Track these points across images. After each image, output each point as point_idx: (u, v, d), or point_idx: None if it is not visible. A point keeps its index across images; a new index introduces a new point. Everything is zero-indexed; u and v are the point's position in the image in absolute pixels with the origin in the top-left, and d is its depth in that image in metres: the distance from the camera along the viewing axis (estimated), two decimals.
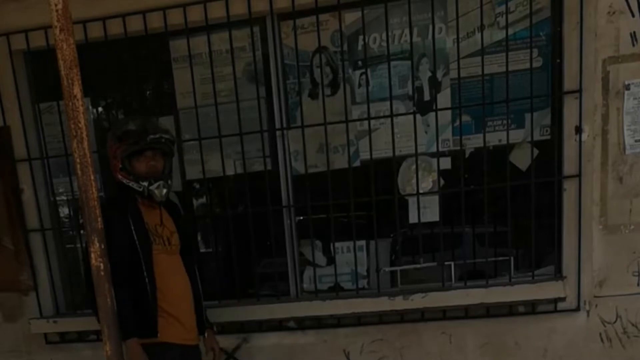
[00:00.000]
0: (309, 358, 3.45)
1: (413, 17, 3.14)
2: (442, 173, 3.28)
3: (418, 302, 3.26)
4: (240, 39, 3.31)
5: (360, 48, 3.24)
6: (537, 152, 3.17)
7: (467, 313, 3.30)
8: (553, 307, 3.23)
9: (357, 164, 3.34)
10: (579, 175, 3.08)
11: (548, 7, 3.07)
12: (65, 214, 3.77)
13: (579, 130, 3.05)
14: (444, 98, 3.21)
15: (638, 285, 3.12)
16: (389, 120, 3.22)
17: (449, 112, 3.21)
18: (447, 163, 3.27)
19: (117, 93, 3.66)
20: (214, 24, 3.27)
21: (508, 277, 3.28)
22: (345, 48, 3.25)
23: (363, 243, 3.44)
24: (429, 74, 3.21)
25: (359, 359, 3.42)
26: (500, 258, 3.31)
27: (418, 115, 3.23)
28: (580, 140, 3.05)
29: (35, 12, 3.09)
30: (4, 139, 3.49)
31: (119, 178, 2.76)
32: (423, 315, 3.33)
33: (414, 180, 3.28)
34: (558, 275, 3.24)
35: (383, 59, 3.22)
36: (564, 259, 3.20)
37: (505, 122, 3.14)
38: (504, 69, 3.09)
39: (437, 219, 3.31)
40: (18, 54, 3.44)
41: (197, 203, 3.68)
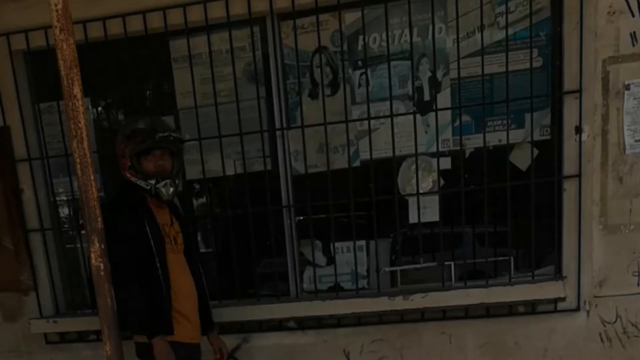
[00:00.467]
0: (309, 358, 3.45)
1: (413, 17, 3.14)
2: (442, 173, 3.28)
3: (418, 302, 3.26)
4: (240, 39, 3.31)
5: (360, 48, 3.24)
6: (537, 152, 3.17)
7: (467, 313, 3.30)
8: (553, 307, 3.23)
9: (357, 164, 3.34)
10: (579, 175, 3.08)
11: (548, 7, 3.07)
12: (65, 214, 3.77)
13: (579, 130, 3.05)
14: (444, 98, 3.21)
15: (638, 285, 3.13)
16: (389, 120, 3.22)
17: (449, 112, 3.21)
18: (447, 163, 3.27)
19: (117, 93, 3.66)
20: (214, 24, 3.27)
21: (508, 277, 3.28)
22: (345, 48, 3.25)
23: (363, 243, 3.44)
24: (429, 74, 3.21)
25: (359, 359, 3.42)
26: (500, 258, 3.32)
27: (418, 115, 3.23)
28: (580, 140, 3.05)
29: (35, 12, 3.09)
30: (4, 139, 3.49)
31: (127, 176, 2.76)
32: (423, 315, 3.33)
33: (414, 180, 3.28)
34: (558, 275, 3.24)
35: (383, 59, 3.22)
36: (564, 259, 3.20)
37: (505, 122, 3.14)
38: (504, 69, 3.09)
39: (437, 219, 3.31)
40: (18, 54, 3.44)
41: (197, 203, 3.68)
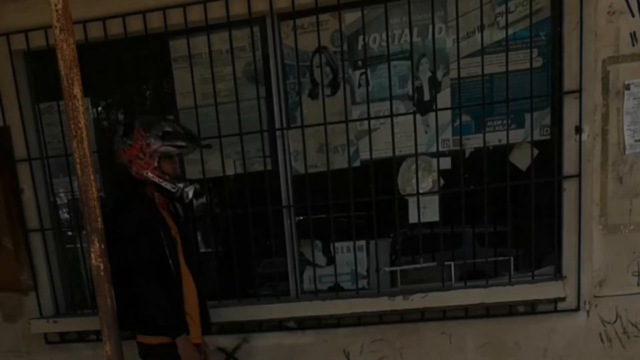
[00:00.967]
0: (309, 358, 3.45)
1: (413, 17, 3.14)
2: (442, 173, 3.28)
3: (418, 302, 3.26)
4: (240, 39, 3.31)
5: (360, 48, 3.23)
6: (537, 152, 3.17)
7: (467, 313, 3.30)
8: (553, 307, 3.24)
9: (357, 164, 3.34)
10: (579, 175, 3.08)
11: (548, 7, 3.08)
12: (65, 214, 3.77)
13: (579, 130, 3.05)
14: (444, 98, 3.21)
15: (638, 285, 3.13)
16: (389, 120, 3.22)
17: (449, 112, 3.21)
18: (447, 163, 3.27)
19: (117, 93, 3.66)
20: (214, 24, 3.26)
21: (508, 277, 3.28)
22: (345, 48, 3.25)
23: (363, 243, 3.44)
24: (429, 74, 3.21)
25: (359, 359, 3.42)
26: (500, 258, 3.32)
27: (418, 115, 3.23)
28: (580, 140, 3.05)
29: (35, 12, 3.08)
30: (4, 139, 3.49)
31: (150, 177, 2.68)
32: (423, 315, 3.33)
33: (414, 180, 3.28)
34: (558, 275, 3.24)
35: (383, 59, 3.22)
36: (564, 259, 3.20)
37: (505, 122, 3.15)
38: (504, 69, 3.09)
39: (437, 219, 3.31)
40: (18, 54, 3.44)
41: (197, 203, 3.68)
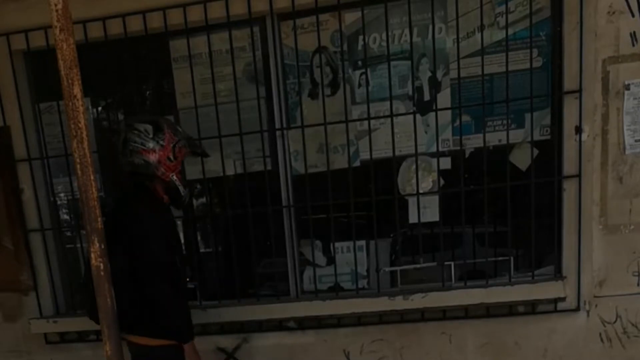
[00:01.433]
0: (309, 358, 3.45)
1: (413, 17, 3.14)
2: (442, 173, 3.27)
3: (418, 302, 3.26)
4: (240, 39, 3.31)
5: (360, 48, 3.23)
6: (537, 152, 3.17)
7: (467, 313, 3.30)
8: (553, 307, 3.24)
9: (357, 164, 3.34)
10: (579, 175, 3.08)
11: (548, 7, 3.07)
12: (65, 214, 3.77)
13: (579, 130, 3.05)
14: (444, 98, 3.21)
15: (638, 285, 3.13)
16: (389, 120, 3.22)
17: (449, 112, 3.21)
18: (447, 163, 3.27)
19: (117, 93, 3.65)
20: (214, 24, 3.26)
21: (508, 277, 3.28)
22: (345, 48, 3.25)
23: (363, 243, 3.44)
24: (429, 74, 3.21)
25: (359, 359, 3.42)
26: (500, 258, 3.31)
27: (418, 115, 3.23)
28: (580, 140, 3.05)
29: (35, 12, 3.09)
30: (4, 139, 3.49)
31: (174, 180, 2.68)
32: (423, 315, 3.33)
33: (414, 180, 3.28)
34: (558, 275, 3.24)
35: (383, 59, 3.21)
36: (564, 259, 3.20)
37: (505, 122, 3.14)
38: (504, 69, 3.09)
39: (437, 219, 3.31)
40: (18, 54, 3.44)
41: (197, 203, 3.68)
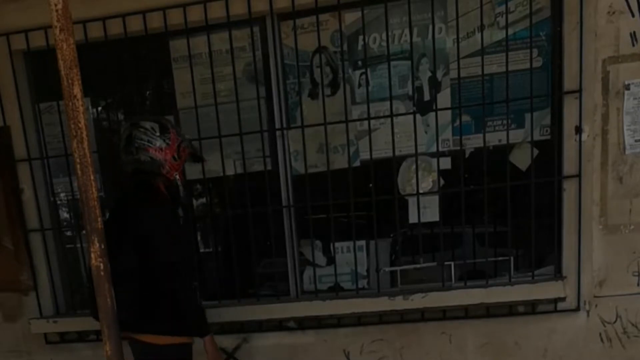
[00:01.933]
0: (309, 358, 3.45)
1: (413, 17, 3.14)
2: (442, 173, 3.27)
3: (418, 302, 3.26)
4: (240, 39, 3.31)
5: (360, 48, 3.23)
6: (537, 152, 3.17)
7: (467, 313, 3.30)
8: (553, 307, 3.24)
9: (357, 164, 3.34)
10: (579, 175, 3.08)
11: (548, 7, 3.08)
12: (65, 214, 3.76)
13: (579, 130, 3.05)
14: (444, 98, 3.21)
15: (638, 285, 3.13)
16: (389, 120, 3.22)
17: (449, 112, 3.21)
18: (447, 163, 3.27)
19: (117, 93, 3.66)
20: (214, 24, 3.26)
21: (508, 277, 3.28)
22: (345, 48, 3.25)
23: (363, 243, 3.44)
24: (429, 74, 3.21)
25: (359, 359, 3.42)
26: (500, 258, 3.32)
27: (418, 115, 3.23)
28: (580, 140, 3.05)
29: (35, 12, 3.09)
30: (4, 139, 3.49)
31: (177, 179, 2.72)
32: (423, 315, 3.33)
33: (414, 180, 3.28)
34: (558, 275, 3.24)
35: (383, 59, 3.21)
36: (564, 259, 3.20)
37: (505, 122, 3.15)
38: (504, 69, 3.09)
39: (437, 219, 3.31)
40: (18, 54, 3.44)
41: (197, 203, 3.68)
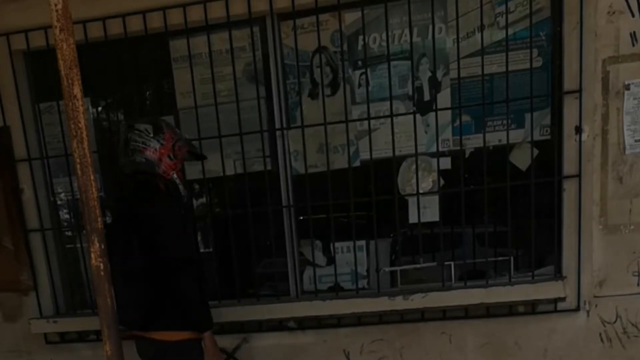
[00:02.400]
0: (309, 358, 3.45)
1: (413, 17, 3.14)
2: (442, 173, 3.28)
3: (418, 302, 3.26)
4: (240, 39, 3.31)
5: (360, 48, 3.23)
6: (537, 152, 3.17)
7: (467, 313, 3.30)
8: (553, 307, 3.24)
9: (357, 164, 3.34)
10: (579, 175, 3.08)
11: (548, 7, 3.08)
12: (65, 214, 3.76)
13: (579, 130, 3.05)
14: (444, 98, 3.21)
15: (638, 285, 3.13)
16: (389, 120, 3.22)
17: (449, 112, 3.21)
18: (447, 163, 3.27)
19: (117, 93, 3.66)
20: (214, 24, 3.26)
21: (508, 277, 3.28)
22: (345, 48, 3.25)
23: (363, 243, 3.44)
24: (429, 74, 3.21)
25: (359, 359, 3.42)
26: (500, 258, 3.31)
27: (418, 115, 3.23)
28: (580, 140, 3.05)
29: (35, 12, 3.08)
30: (4, 139, 3.49)
31: (175, 178, 2.71)
32: (423, 315, 3.33)
33: (414, 180, 3.28)
34: (558, 275, 3.24)
35: (383, 59, 3.21)
36: (564, 259, 3.20)
37: (505, 122, 3.15)
38: (504, 69, 3.09)
39: (437, 219, 3.31)
40: (18, 54, 3.44)
41: (197, 203, 3.68)
